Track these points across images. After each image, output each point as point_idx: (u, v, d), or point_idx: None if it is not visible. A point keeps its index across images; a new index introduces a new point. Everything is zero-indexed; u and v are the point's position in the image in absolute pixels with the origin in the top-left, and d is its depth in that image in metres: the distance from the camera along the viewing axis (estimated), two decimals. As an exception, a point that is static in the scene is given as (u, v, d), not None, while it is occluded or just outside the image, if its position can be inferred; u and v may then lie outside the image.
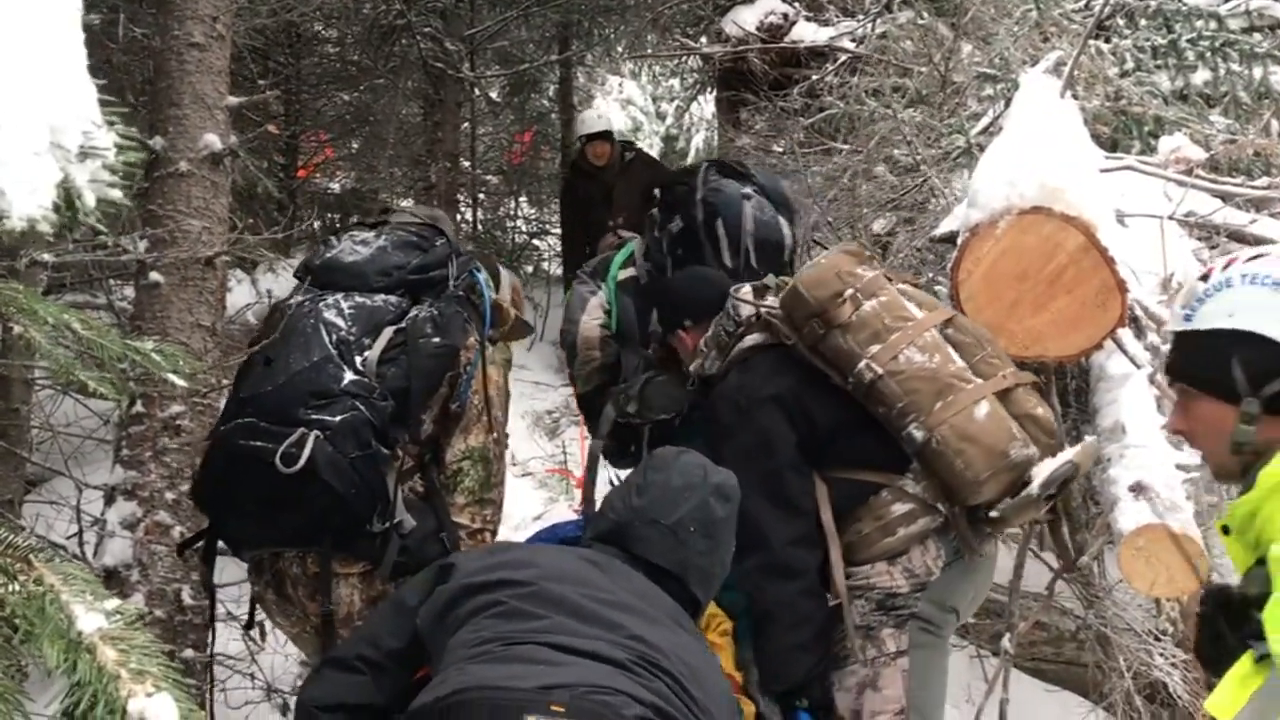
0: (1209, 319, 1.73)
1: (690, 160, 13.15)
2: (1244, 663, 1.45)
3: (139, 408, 3.28)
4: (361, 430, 2.48)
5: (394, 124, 8.65)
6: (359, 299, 2.68)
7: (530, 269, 10.01)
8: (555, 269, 9.80)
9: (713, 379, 2.90)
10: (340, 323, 2.62)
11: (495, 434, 2.82)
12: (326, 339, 2.58)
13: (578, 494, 4.82)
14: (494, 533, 2.82)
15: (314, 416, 2.46)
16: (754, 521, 2.59)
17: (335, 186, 9.27)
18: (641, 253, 3.49)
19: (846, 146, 5.71)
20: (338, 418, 2.47)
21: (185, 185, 3.40)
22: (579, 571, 2.12)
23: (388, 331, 2.62)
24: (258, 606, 2.76)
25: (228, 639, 3.57)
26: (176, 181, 3.39)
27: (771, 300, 2.85)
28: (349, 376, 2.53)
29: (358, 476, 2.46)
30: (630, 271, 3.54)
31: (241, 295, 5.21)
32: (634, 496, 2.32)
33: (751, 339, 2.82)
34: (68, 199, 1.11)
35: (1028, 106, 3.70)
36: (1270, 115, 4.41)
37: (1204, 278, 1.78)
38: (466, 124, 9.56)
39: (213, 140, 3.44)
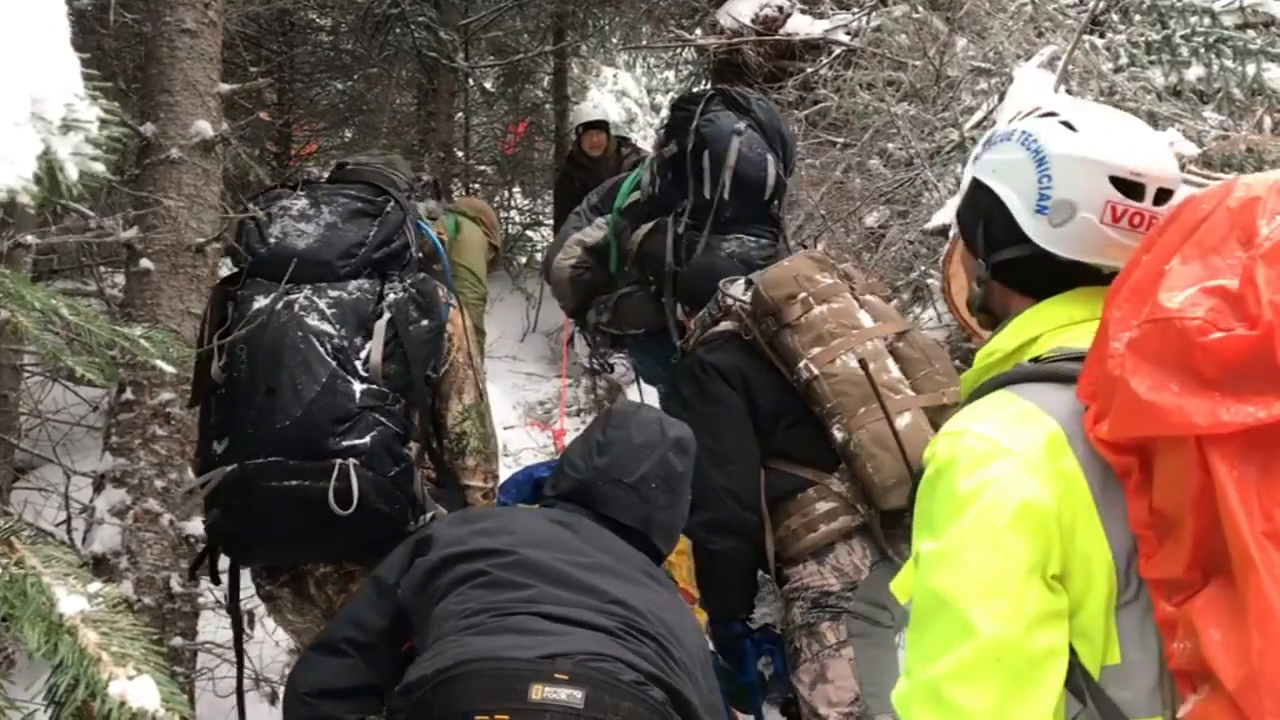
0: (983, 169, 1.67)
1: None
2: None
3: (129, 395, 3.28)
4: (392, 445, 2.46)
5: (388, 114, 8.64)
6: (332, 294, 2.54)
7: (524, 260, 9.98)
8: (549, 260, 9.77)
9: (685, 353, 3.11)
10: (328, 329, 2.49)
11: (481, 386, 2.79)
12: (323, 352, 2.46)
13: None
14: (497, 482, 2.84)
15: (344, 444, 2.40)
16: (706, 479, 2.69)
17: (328, 175, 9.24)
18: (648, 174, 3.73)
19: (840, 140, 5.71)
20: (367, 439, 2.42)
21: (176, 172, 3.39)
22: (554, 536, 2.15)
23: (380, 328, 2.51)
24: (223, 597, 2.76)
25: (216, 627, 3.57)
26: (168, 168, 3.39)
27: (748, 298, 2.99)
28: (358, 388, 2.46)
29: (399, 492, 2.46)
30: (636, 195, 3.80)
31: (233, 284, 5.18)
32: (595, 455, 2.34)
33: (723, 325, 2.99)
34: (49, 171, 1.10)
35: (1021, 101, 3.70)
36: (1263, 112, 4.41)
37: (1013, 119, 1.70)
38: (460, 114, 9.54)
39: (204, 127, 3.43)
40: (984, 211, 1.64)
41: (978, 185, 1.67)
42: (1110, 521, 1.29)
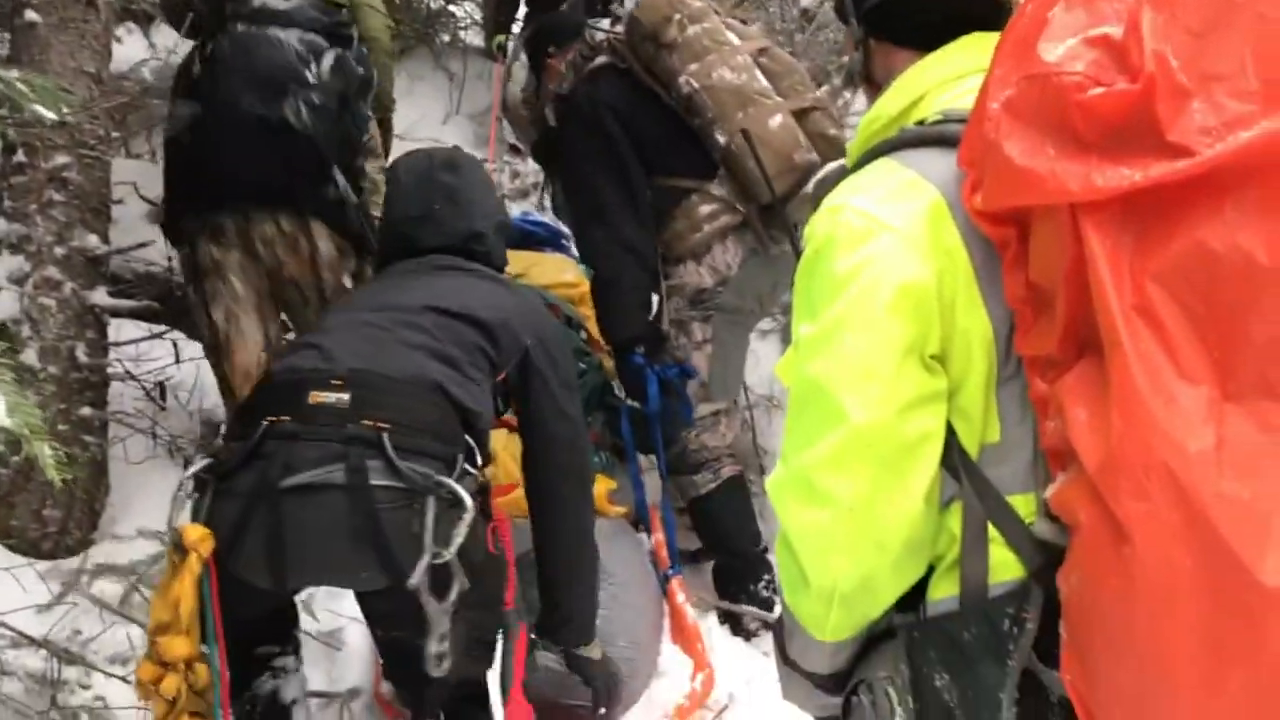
0: None
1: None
2: None
3: (20, 157, 3.11)
4: (330, 105, 3.13)
5: None
6: (300, 33, 3.13)
7: (447, 38, 9.57)
8: (473, 39, 9.37)
9: (566, 96, 3.42)
10: (294, 43, 3.11)
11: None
12: (287, 49, 3.10)
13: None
14: None
15: (299, 89, 3.07)
16: (604, 207, 3.20)
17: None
18: None
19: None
20: (315, 95, 3.09)
21: (61, -86, 3.14)
22: (359, 293, 2.64)
23: (330, 53, 3.16)
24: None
25: (127, 399, 3.54)
26: (51, -91, 3.13)
27: (620, 29, 3.34)
28: (310, 76, 3.11)
29: (334, 135, 3.14)
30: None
31: (135, 49, 4.86)
32: (388, 210, 2.68)
33: (599, 60, 3.35)
34: None
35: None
36: None
37: None
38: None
39: None
40: None
41: None
42: (991, 296, 1.24)
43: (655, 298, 3.26)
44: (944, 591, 1.30)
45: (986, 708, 1.24)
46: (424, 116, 7.45)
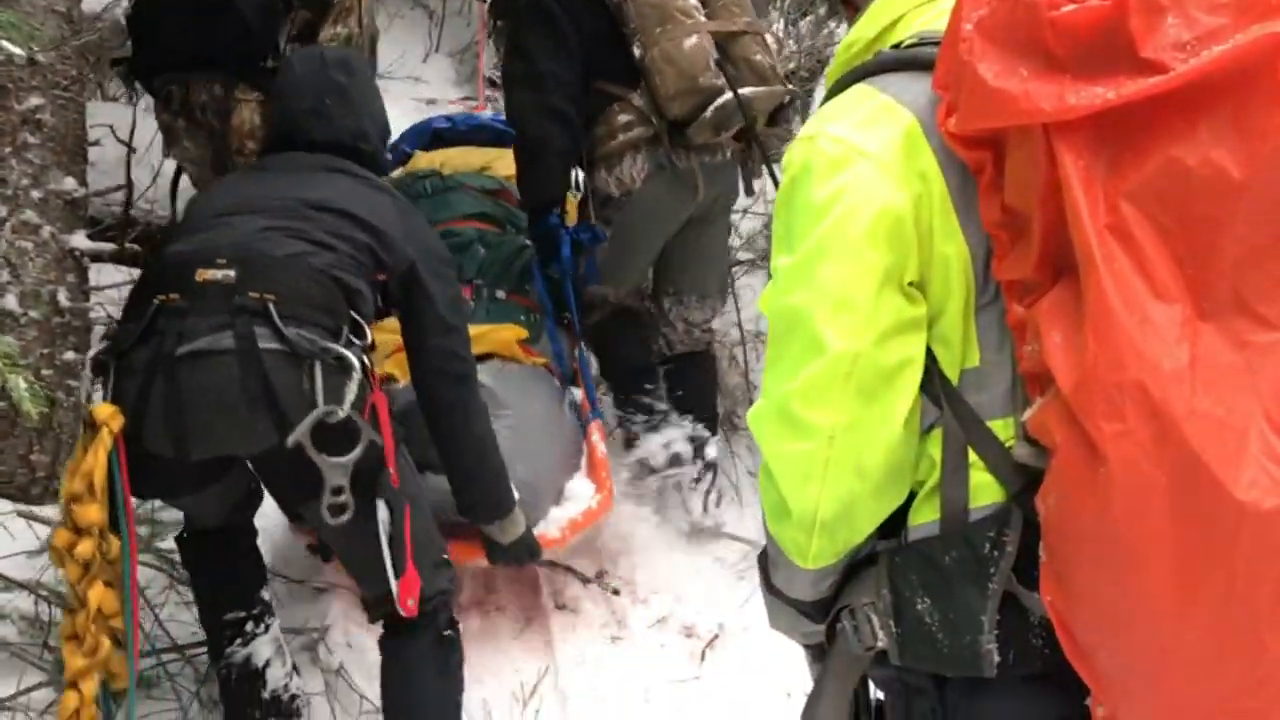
0: None
1: None
2: None
3: (-8, 98, 3.07)
4: None
5: None
6: None
7: (426, -27, 9.38)
8: (452, -26, 9.19)
9: None
10: None
11: (362, 31, 3.45)
12: None
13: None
14: None
15: None
16: (539, 76, 3.24)
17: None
18: None
19: None
20: None
21: None
22: (238, 179, 2.74)
23: None
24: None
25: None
26: None
27: None
28: None
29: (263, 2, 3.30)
30: None
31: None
32: (279, 99, 2.73)
33: None
34: None
35: None
36: None
37: None
38: None
39: None
40: None
41: None
42: (967, 221, 1.23)
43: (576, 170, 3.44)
44: (925, 516, 1.32)
45: (968, 630, 1.25)
46: (404, 55, 7.32)
